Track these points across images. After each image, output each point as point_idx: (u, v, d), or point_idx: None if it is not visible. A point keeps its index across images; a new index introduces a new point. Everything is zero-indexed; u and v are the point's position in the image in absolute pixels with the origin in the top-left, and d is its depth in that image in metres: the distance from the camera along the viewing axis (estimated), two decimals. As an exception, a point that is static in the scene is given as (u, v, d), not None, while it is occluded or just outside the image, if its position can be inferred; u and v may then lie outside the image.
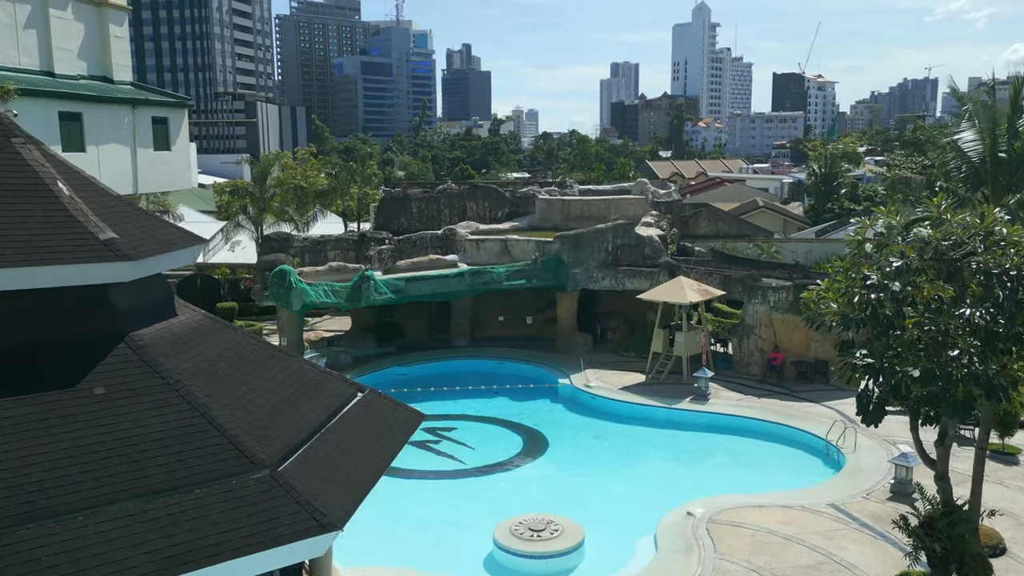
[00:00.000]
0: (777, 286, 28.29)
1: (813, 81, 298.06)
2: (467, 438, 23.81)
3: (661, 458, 22.84)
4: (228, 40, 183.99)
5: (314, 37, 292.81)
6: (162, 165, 34.01)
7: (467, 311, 33.12)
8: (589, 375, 28.77)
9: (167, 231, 13.44)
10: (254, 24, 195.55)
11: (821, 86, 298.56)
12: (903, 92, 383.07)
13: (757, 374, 28.66)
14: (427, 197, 36.02)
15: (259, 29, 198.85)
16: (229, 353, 13.02)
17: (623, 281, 31.47)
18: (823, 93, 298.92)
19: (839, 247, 40.60)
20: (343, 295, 28.45)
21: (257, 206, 39.73)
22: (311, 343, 33.10)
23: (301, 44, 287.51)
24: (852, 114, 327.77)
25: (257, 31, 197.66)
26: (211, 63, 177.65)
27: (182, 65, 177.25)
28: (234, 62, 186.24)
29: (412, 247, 32.80)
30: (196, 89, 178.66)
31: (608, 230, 31.97)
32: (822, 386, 27.41)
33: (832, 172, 64.81)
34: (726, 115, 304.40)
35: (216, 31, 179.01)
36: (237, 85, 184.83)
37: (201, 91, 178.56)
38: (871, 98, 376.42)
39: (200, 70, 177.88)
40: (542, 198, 36.40)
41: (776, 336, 28.43)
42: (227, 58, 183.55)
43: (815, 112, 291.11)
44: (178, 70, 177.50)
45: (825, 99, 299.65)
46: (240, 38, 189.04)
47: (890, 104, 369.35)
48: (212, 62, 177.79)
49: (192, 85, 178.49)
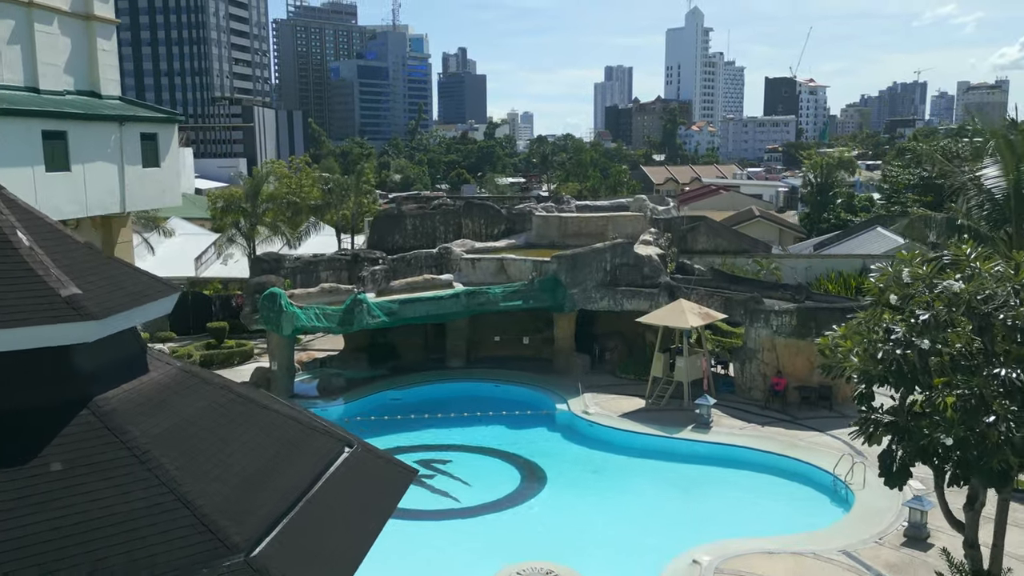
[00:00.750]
0: (780, 310, 27.24)
1: (805, 85, 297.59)
2: (462, 471, 22.73)
3: (664, 495, 21.75)
4: (225, 45, 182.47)
5: (311, 41, 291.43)
6: (151, 182, 32.79)
7: (463, 332, 32.04)
8: (587, 400, 27.71)
9: (138, 281, 12.32)
10: (251, 29, 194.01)
11: (813, 90, 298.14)
12: (892, 96, 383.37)
13: (759, 399, 27.62)
14: (422, 214, 34.91)
15: (256, 34, 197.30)
16: (205, 412, 11.93)
17: (622, 302, 30.41)
18: (815, 97, 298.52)
19: (839, 263, 39.68)
20: (335, 319, 27.34)
21: (249, 221, 38.56)
22: (303, 364, 32.00)
23: (298, 48, 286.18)
24: (842, 117, 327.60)
25: (254, 36, 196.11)
26: (208, 68, 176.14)
27: (179, 69, 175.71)
28: (231, 67, 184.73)
29: (406, 266, 31.71)
30: (193, 93, 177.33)
31: (606, 249, 30.91)
32: (826, 412, 26.38)
33: (828, 181, 63.83)
34: (719, 119, 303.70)
35: (213, 36, 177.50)
36: (234, 90, 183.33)
37: (198, 95, 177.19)
38: (861, 101, 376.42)
39: (197, 74, 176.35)
40: (539, 215, 35.32)
41: (779, 360, 27.38)
42: (224, 63, 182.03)
43: (807, 116, 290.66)
44: (175, 74, 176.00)
45: (817, 103, 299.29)
46: (237, 43, 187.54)
47: (879, 107, 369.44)
48: (209, 67, 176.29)
49: (189, 89, 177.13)
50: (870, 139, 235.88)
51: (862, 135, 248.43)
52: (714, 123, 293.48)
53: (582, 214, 35.59)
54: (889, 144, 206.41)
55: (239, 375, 31.27)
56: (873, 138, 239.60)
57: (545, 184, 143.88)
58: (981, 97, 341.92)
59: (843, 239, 45.09)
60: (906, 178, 53.61)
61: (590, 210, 37.04)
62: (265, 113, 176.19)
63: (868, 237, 43.61)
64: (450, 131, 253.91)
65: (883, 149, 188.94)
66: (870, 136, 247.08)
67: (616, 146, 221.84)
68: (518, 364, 32.01)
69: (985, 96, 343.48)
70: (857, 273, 38.51)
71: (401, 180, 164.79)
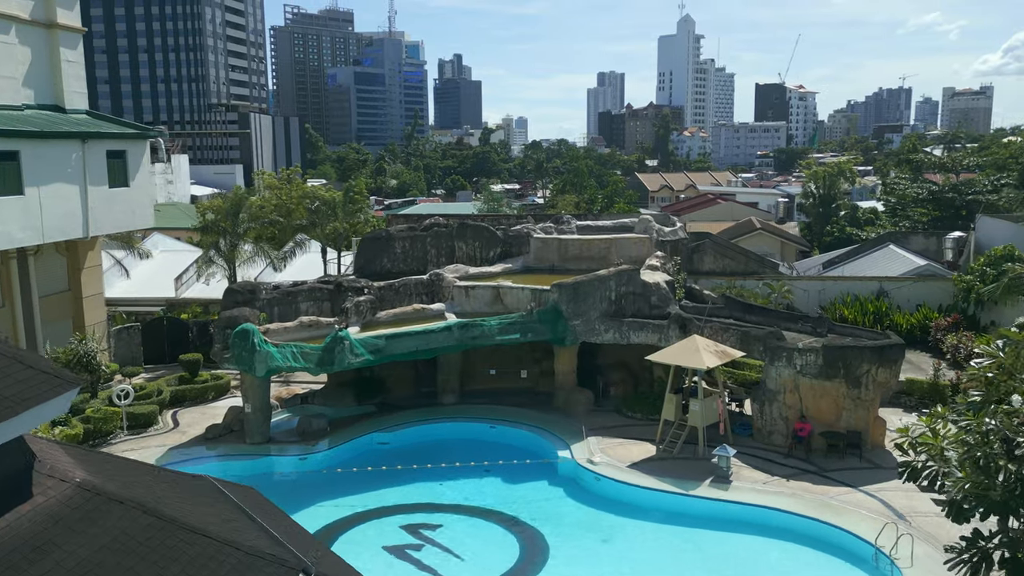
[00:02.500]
0: (805, 348, 24.11)
1: (795, 91, 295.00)
2: (455, 541, 19.55)
3: (683, 570, 18.60)
4: (221, 52, 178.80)
5: (308, 48, 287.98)
6: (119, 203, 29.55)
7: (455, 365, 28.89)
8: (592, 445, 24.57)
9: (26, 378, 9.15)
10: (247, 36, 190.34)
11: (803, 96, 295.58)
12: (878, 101, 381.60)
13: (781, 445, 24.49)
14: (412, 236, 31.70)
15: (252, 41, 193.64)
16: (108, 552, 8.77)
17: (628, 334, 27.28)
18: (804, 103, 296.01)
19: (855, 285, 36.54)
20: (313, 358, 24.13)
21: (230, 241, 35.32)
22: (283, 401, 28.78)
23: (296, 55, 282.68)
24: (830, 123, 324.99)
25: (250, 43, 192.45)
26: (204, 74, 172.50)
27: (175, 76, 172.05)
28: (227, 73, 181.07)
29: (395, 295, 28.52)
30: (189, 100, 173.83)
31: (611, 277, 27.76)
32: (856, 463, 23.24)
33: (830, 193, 60.72)
34: (710, 124, 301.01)
35: (209, 43, 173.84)
36: (230, 96, 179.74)
37: (194, 102, 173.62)
38: (848, 107, 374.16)
39: (193, 81, 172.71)
40: (537, 237, 32.14)
41: (802, 403, 24.26)
42: (220, 69, 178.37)
43: (797, 121, 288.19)
44: (172, 81, 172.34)
45: (807, 109, 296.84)
46: (233, 49, 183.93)
47: (866, 113, 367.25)
48: (205, 73, 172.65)
49: (185, 96, 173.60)
50: (859, 144, 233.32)
51: (851, 140, 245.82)
52: (706, 128, 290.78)
53: (583, 236, 32.42)
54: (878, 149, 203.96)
55: (214, 412, 28.08)
56: (862, 143, 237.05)
57: (540, 191, 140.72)
58: (967, 103, 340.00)
59: (854, 257, 41.97)
60: (915, 191, 50.63)
61: (592, 231, 33.89)
62: (261, 120, 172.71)
63: (881, 256, 40.53)
64: (446, 136, 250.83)
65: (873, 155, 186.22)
66: (859, 141, 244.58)
67: (610, 152, 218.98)
68: (515, 399, 28.89)
69: (970, 102, 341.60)
70: (874, 296, 35.46)
71: (397, 186, 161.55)
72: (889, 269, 37.63)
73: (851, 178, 70.06)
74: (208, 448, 24.97)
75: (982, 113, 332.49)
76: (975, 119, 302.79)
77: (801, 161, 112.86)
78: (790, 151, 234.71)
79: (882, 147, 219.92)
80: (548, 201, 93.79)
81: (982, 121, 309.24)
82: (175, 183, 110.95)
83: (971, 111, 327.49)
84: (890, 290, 35.37)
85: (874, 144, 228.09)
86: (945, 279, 35.69)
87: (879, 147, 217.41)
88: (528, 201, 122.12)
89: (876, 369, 23.48)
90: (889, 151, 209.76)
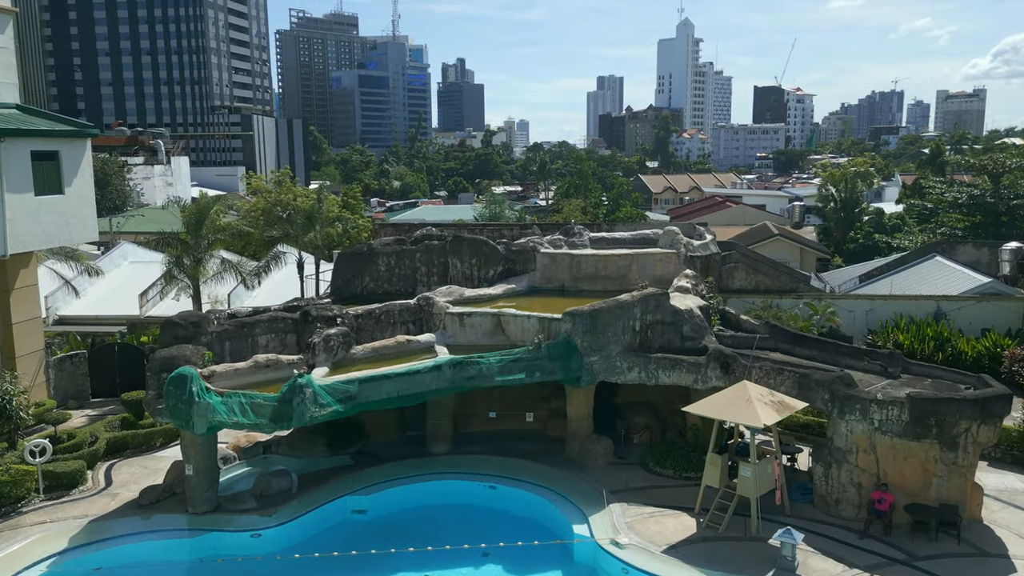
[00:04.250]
0: (885, 399, 18.48)
1: (792, 93, 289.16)
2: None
3: None
4: (224, 54, 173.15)
5: (313, 52, 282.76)
6: (49, 214, 24.06)
7: (447, 409, 23.34)
8: (616, 516, 19.01)
9: None
10: (251, 39, 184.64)
11: (800, 99, 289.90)
12: (871, 104, 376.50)
13: (850, 518, 18.88)
14: (399, 251, 26.08)
15: (256, 43, 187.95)
16: None
17: (657, 373, 21.66)
18: (802, 105, 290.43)
19: (908, 305, 30.86)
20: (267, 412, 18.51)
21: (192, 257, 29.73)
22: (241, 451, 23.20)
23: (301, 58, 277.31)
24: (825, 125, 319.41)
25: (254, 45, 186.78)
26: (207, 77, 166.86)
27: (178, 78, 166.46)
28: (231, 76, 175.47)
29: (375, 324, 22.91)
30: (192, 102, 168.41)
31: (635, 303, 22.15)
32: (954, 547, 17.64)
33: (853, 197, 54.98)
34: (709, 126, 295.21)
35: (212, 45, 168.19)
36: (234, 99, 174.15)
37: (197, 104, 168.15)
38: (842, 110, 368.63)
39: (196, 83, 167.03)
40: (545, 252, 26.50)
41: (879, 467, 18.66)
42: (223, 72, 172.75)
43: (794, 123, 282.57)
44: (174, 83, 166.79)
45: (804, 111, 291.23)
46: (237, 52, 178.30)
47: (860, 115, 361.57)
48: (208, 76, 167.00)
49: (188, 98, 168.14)
50: (855, 146, 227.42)
51: (847, 142, 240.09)
52: (704, 130, 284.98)
53: (599, 252, 26.75)
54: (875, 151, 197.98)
55: (157, 466, 22.50)
56: (859, 145, 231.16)
57: (543, 192, 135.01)
58: (960, 105, 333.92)
59: (896, 270, 36.19)
60: (953, 195, 44.93)
61: (608, 244, 28.28)
62: (264, 122, 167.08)
63: (929, 269, 34.74)
64: (449, 139, 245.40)
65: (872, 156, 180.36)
66: (855, 143, 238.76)
67: (611, 153, 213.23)
68: (520, 445, 23.31)
69: (963, 104, 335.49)
70: (932, 319, 29.78)
71: (400, 187, 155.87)
72: (943, 285, 31.94)
73: (870, 180, 64.35)
74: (142, 518, 19.45)
75: (975, 115, 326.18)
76: (968, 121, 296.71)
77: (805, 163, 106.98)
78: (789, 152, 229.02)
79: (879, 148, 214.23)
80: (552, 205, 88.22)
81: (975, 123, 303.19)
82: (175, 185, 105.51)
83: (964, 113, 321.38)
84: (949, 311, 29.69)
85: (871, 146, 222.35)
86: (1013, 299, 30.02)
87: (876, 148, 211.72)
88: (531, 203, 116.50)
89: (977, 427, 17.89)
90: (887, 152, 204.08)
